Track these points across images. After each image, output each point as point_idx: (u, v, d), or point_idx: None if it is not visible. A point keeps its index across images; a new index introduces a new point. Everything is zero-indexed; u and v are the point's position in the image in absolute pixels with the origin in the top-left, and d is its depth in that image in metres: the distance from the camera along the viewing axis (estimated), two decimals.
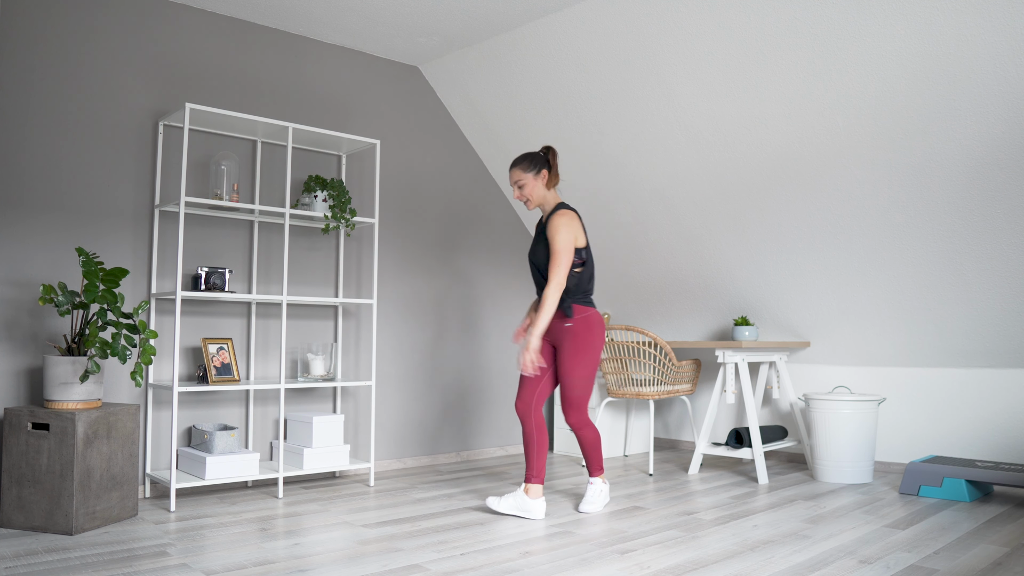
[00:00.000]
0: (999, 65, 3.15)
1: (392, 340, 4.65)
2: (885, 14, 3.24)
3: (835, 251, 4.20)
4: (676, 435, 5.53)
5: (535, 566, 2.63)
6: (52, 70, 3.54)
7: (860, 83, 3.52)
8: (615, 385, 4.66)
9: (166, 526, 3.14)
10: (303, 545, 2.87)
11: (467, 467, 4.66)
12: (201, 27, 3.99)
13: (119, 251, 3.70)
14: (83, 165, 3.61)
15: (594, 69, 4.18)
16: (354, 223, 4.10)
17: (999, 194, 3.53)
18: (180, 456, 3.77)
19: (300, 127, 3.87)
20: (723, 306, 4.96)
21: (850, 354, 4.59)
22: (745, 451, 4.29)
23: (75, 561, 2.63)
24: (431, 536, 3.03)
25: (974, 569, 2.60)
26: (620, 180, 4.67)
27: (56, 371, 3.10)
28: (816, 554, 2.79)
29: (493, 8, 3.97)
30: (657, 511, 3.48)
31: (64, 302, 3.13)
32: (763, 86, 3.78)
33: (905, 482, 3.87)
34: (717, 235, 4.57)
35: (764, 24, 3.54)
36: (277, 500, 3.67)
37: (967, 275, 3.86)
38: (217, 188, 3.80)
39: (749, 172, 4.17)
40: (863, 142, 3.72)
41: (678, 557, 2.75)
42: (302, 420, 4.01)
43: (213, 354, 3.79)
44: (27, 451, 3.06)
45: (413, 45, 4.50)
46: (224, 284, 3.79)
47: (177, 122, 3.80)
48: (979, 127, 3.38)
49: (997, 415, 4.14)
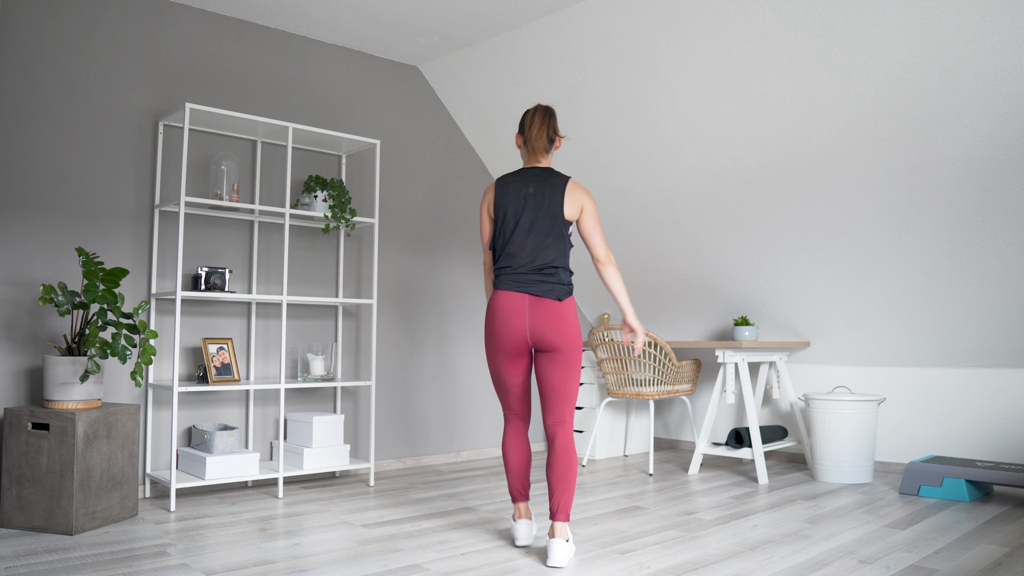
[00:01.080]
0: (999, 65, 3.15)
1: (392, 340, 4.65)
2: (885, 14, 3.24)
3: (835, 251, 4.20)
4: (676, 435, 5.53)
5: (535, 566, 2.63)
6: (52, 70, 3.54)
7: (860, 83, 3.52)
8: (615, 385, 4.66)
9: (166, 526, 3.14)
10: (303, 545, 2.87)
11: (467, 467, 4.66)
12: (201, 27, 3.99)
13: (119, 251, 3.70)
14: (83, 165, 3.61)
15: (594, 69, 4.18)
16: (354, 223, 4.10)
17: (999, 194, 3.53)
18: (180, 456, 3.77)
19: (300, 127, 3.87)
20: (723, 306, 4.96)
21: (850, 354, 4.59)
22: (745, 451, 4.29)
23: (75, 561, 2.63)
24: (431, 536, 3.03)
25: (974, 569, 2.60)
26: (620, 180, 4.67)
27: (56, 371, 3.10)
28: (816, 554, 2.79)
29: (493, 8, 3.97)
30: (657, 511, 3.48)
31: (64, 302, 3.13)
32: (763, 86, 3.78)
33: (905, 482, 3.87)
34: (717, 235, 4.57)
35: (764, 24, 3.54)
36: (277, 500, 3.67)
37: (967, 275, 3.86)
38: (217, 188, 3.80)
39: (749, 172, 4.17)
40: (863, 142, 3.72)
41: (678, 557, 2.75)
42: (302, 420, 4.01)
43: (213, 354, 3.79)
44: (27, 451, 3.06)
45: (413, 45, 4.50)
46: (224, 284, 3.79)
47: (177, 122, 3.80)
48: (979, 127, 3.38)
49: (997, 415, 4.14)
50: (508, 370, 2.81)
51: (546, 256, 2.73)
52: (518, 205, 2.78)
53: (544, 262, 2.73)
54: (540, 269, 2.73)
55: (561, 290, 2.72)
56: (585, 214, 2.79)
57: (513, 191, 2.80)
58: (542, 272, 2.73)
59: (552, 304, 2.70)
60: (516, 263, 2.75)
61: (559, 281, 2.73)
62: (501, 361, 2.79)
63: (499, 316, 2.74)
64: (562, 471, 2.69)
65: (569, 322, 2.71)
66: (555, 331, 2.69)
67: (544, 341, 2.71)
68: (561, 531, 2.66)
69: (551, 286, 2.71)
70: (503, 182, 2.84)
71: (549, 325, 2.69)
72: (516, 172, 2.86)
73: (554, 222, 2.75)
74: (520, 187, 2.80)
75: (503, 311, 2.73)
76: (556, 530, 2.66)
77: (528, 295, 2.72)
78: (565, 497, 2.68)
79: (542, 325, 2.70)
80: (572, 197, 2.78)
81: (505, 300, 2.74)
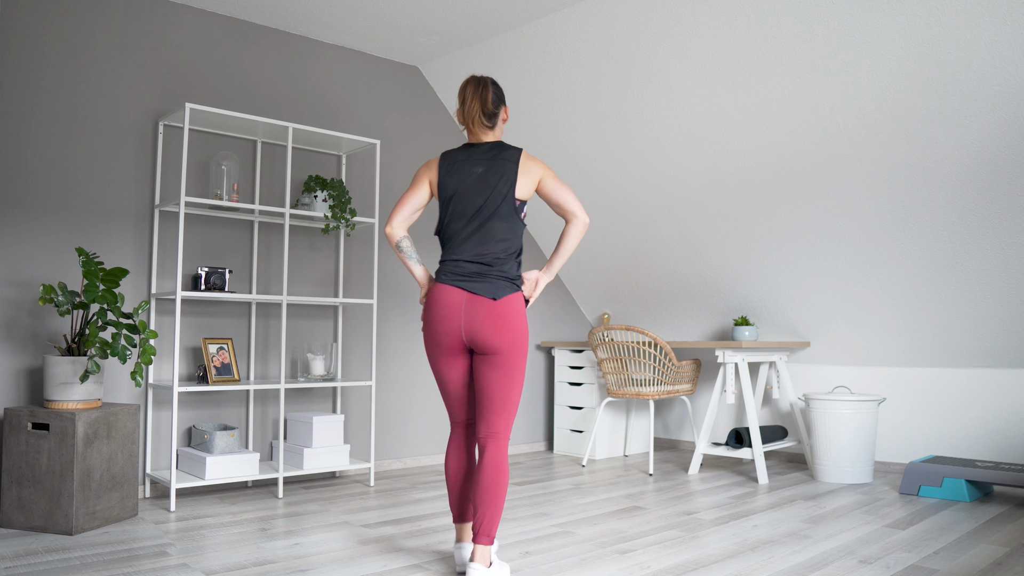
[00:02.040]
0: (999, 65, 3.15)
1: (392, 340, 4.65)
2: (885, 14, 3.24)
3: (835, 251, 4.20)
4: (676, 435, 5.53)
5: (535, 566, 2.63)
6: (52, 70, 3.54)
7: (860, 83, 3.52)
8: (615, 385, 4.66)
9: (166, 526, 3.14)
10: (303, 545, 2.87)
11: None
12: (201, 27, 3.99)
13: (119, 251, 3.70)
14: (83, 165, 3.61)
15: (594, 69, 4.18)
16: (354, 223, 4.10)
17: (999, 194, 3.53)
18: (180, 456, 3.77)
19: (300, 127, 3.87)
20: (723, 306, 4.96)
21: (850, 354, 4.59)
22: (745, 451, 4.29)
23: (75, 561, 2.63)
24: (431, 536, 3.03)
25: (974, 569, 2.60)
26: (620, 180, 4.67)
27: (56, 371, 3.10)
28: (816, 554, 2.79)
29: (493, 8, 3.97)
30: (657, 511, 3.48)
31: (64, 302, 3.13)
32: (763, 86, 3.78)
33: (905, 482, 3.87)
34: (717, 235, 4.57)
35: (764, 24, 3.54)
36: (277, 500, 3.67)
37: (967, 275, 3.86)
38: (217, 188, 3.80)
39: (749, 172, 4.17)
40: (863, 142, 3.72)
41: (678, 557, 2.75)
42: (302, 420, 4.01)
43: (213, 354, 3.79)
44: (27, 451, 3.06)
45: (413, 45, 4.50)
46: (224, 284, 3.79)
47: (177, 122, 3.80)
48: (979, 127, 3.38)
49: (997, 415, 4.14)
50: (446, 371, 2.51)
51: (491, 246, 2.44)
52: (464, 187, 2.47)
53: (488, 252, 2.44)
54: (483, 261, 2.44)
55: (502, 286, 2.43)
56: (545, 181, 2.52)
57: (459, 170, 2.50)
58: (485, 264, 2.44)
59: (486, 303, 2.40)
60: (457, 253, 2.46)
61: (503, 275, 2.44)
62: (439, 361, 2.50)
63: (435, 313, 2.45)
64: (489, 488, 2.38)
65: (509, 322, 2.40)
66: (491, 332, 2.39)
67: (479, 343, 2.42)
68: (482, 556, 2.36)
69: (491, 282, 2.42)
70: (449, 159, 2.53)
71: (485, 325, 2.40)
72: (462, 148, 2.55)
73: (504, 205, 2.45)
74: (467, 165, 2.50)
75: (438, 307, 2.44)
76: (476, 554, 2.36)
77: (465, 291, 2.42)
78: (489, 517, 2.37)
79: (477, 325, 2.40)
80: (527, 172, 2.49)
81: (442, 295, 2.44)
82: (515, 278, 2.48)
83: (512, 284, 2.46)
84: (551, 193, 2.53)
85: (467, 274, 2.44)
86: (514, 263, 2.49)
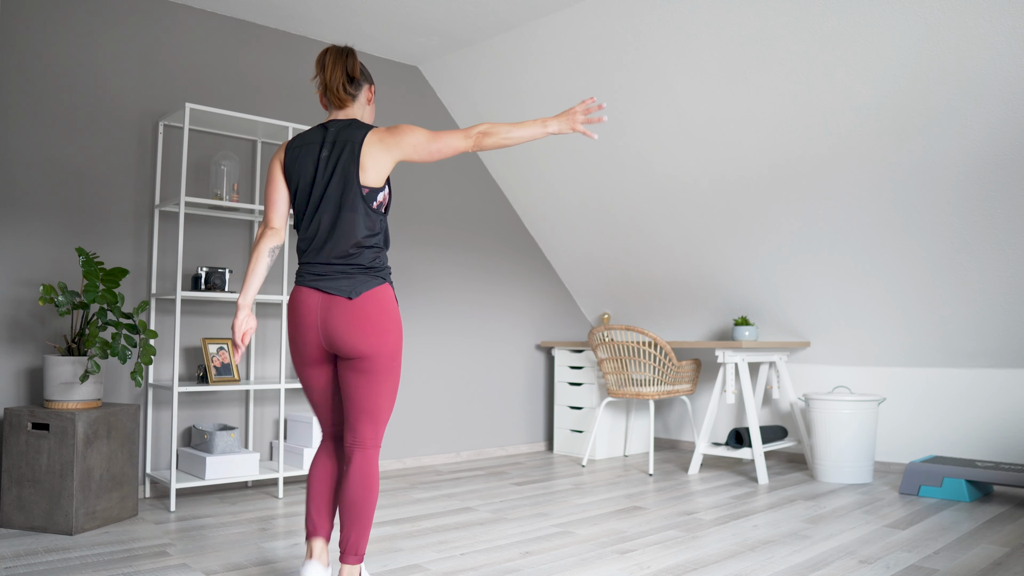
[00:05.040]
0: (999, 65, 3.16)
1: None
2: (885, 15, 3.24)
3: (835, 251, 4.20)
4: (676, 435, 5.53)
5: (535, 566, 2.63)
6: (52, 70, 3.54)
7: (860, 83, 3.52)
8: (615, 385, 4.66)
9: (166, 526, 3.14)
10: (303, 545, 2.87)
11: (467, 467, 4.66)
12: (201, 27, 3.99)
13: (119, 251, 3.70)
14: (83, 165, 3.61)
15: (594, 69, 4.18)
16: None
17: (999, 194, 3.53)
18: (180, 456, 3.77)
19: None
20: (723, 306, 4.96)
21: (850, 354, 4.59)
22: (745, 451, 4.29)
23: (75, 561, 2.63)
24: (431, 536, 3.03)
25: (974, 569, 2.60)
26: (620, 180, 4.67)
27: (56, 371, 3.10)
28: (816, 554, 2.79)
29: (493, 8, 3.97)
30: (657, 511, 3.48)
31: (64, 302, 3.13)
32: (763, 86, 3.78)
33: (905, 482, 3.87)
34: (717, 235, 4.58)
35: (764, 24, 3.54)
36: (277, 500, 3.67)
37: (967, 275, 3.86)
38: (217, 188, 3.80)
39: (749, 172, 4.17)
40: (863, 142, 3.72)
41: (678, 557, 2.75)
42: (302, 420, 4.01)
43: (213, 354, 3.79)
44: (27, 451, 3.06)
45: (413, 45, 4.50)
46: (224, 284, 3.79)
47: (177, 122, 3.80)
48: (979, 127, 3.38)
49: (997, 415, 4.14)
50: (311, 379, 2.25)
51: (342, 240, 2.14)
52: (309, 174, 2.18)
53: (341, 247, 2.15)
54: (337, 256, 2.15)
55: (361, 280, 2.15)
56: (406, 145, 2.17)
57: (305, 156, 2.19)
58: (338, 260, 2.15)
59: (342, 303, 2.13)
60: (311, 254, 2.19)
61: (360, 270, 2.16)
62: (303, 369, 2.25)
63: (292, 319, 2.19)
64: (356, 502, 2.13)
65: (370, 322, 2.13)
66: (350, 336, 2.12)
67: (338, 347, 2.14)
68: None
69: (347, 280, 2.14)
70: (295, 145, 2.22)
71: (342, 329, 2.12)
72: (315, 128, 2.24)
73: (350, 191, 2.14)
74: (314, 149, 2.19)
75: (295, 313, 2.18)
76: (344, 574, 2.12)
77: (319, 292, 2.15)
78: (356, 533, 2.13)
79: (335, 328, 2.13)
80: (374, 150, 2.15)
81: (299, 299, 2.18)
82: (380, 268, 2.18)
83: (375, 276, 2.17)
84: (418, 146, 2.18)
85: (322, 274, 2.16)
86: (373, 258, 2.18)
